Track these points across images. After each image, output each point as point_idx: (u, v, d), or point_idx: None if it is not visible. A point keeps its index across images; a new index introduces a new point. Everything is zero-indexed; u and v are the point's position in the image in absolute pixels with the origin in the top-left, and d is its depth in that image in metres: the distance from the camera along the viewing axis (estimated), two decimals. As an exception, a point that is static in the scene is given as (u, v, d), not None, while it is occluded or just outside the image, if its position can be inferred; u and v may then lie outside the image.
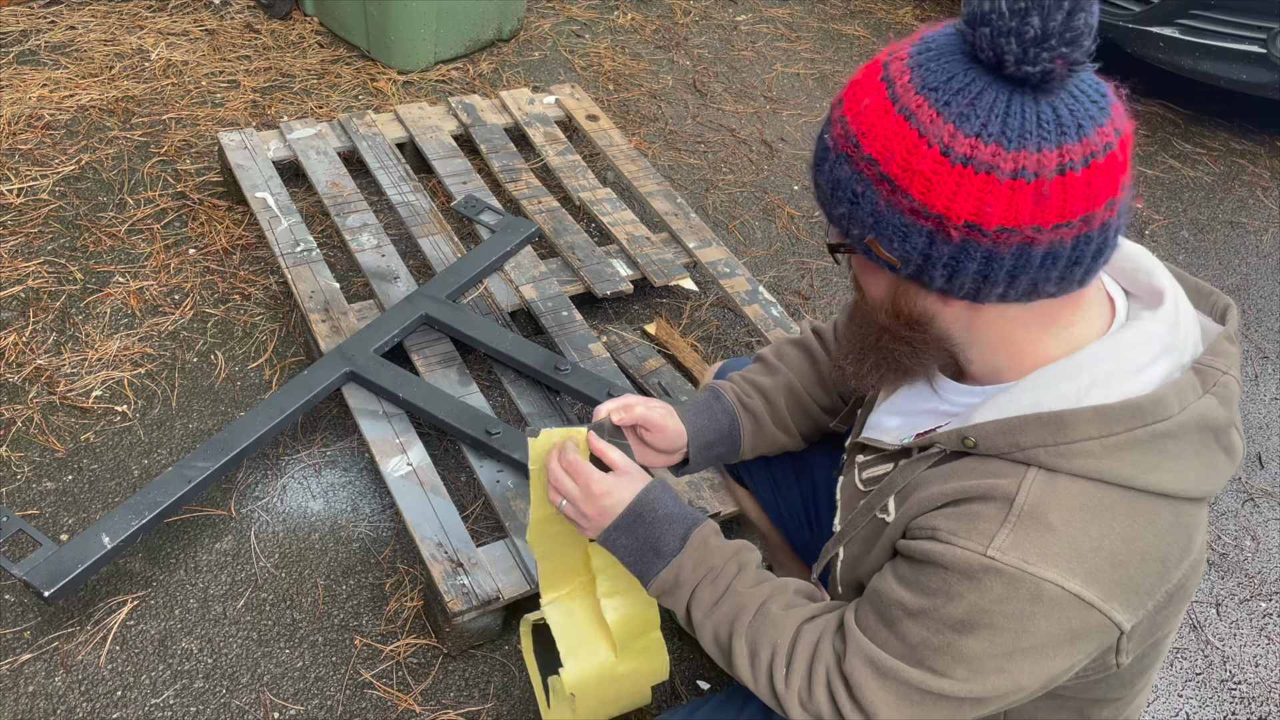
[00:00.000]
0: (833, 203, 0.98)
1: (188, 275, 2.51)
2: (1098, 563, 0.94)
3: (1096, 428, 0.96)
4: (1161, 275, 1.06)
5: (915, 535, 1.03)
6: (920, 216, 0.91)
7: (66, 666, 1.75)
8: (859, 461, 1.21)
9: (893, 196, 0.92)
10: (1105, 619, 0.96)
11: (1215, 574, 2.23)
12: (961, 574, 0.96)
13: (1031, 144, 0.87)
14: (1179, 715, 1.94)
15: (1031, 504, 0.95)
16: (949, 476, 1.03)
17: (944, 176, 0.89)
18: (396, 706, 1.75)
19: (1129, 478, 0.96)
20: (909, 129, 0.90)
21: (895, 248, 0.94)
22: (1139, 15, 3.62)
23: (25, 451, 2.07)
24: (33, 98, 2.99)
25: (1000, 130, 0.87)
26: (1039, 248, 0.90)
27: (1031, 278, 0.93)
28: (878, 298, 1.04)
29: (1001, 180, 0.87)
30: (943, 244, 0.92)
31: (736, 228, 3.00)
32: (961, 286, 0.95)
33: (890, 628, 1.02)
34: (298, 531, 2.00)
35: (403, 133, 2.83)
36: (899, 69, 0.92)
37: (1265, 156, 3.74)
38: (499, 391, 2.30)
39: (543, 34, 3.75)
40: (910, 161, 0.90)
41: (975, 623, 0.96)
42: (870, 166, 0.92)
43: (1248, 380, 2.77)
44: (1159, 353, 1.00)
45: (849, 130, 0.94)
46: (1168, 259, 3.17)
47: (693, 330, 2.59)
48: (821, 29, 4.11)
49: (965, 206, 0.89)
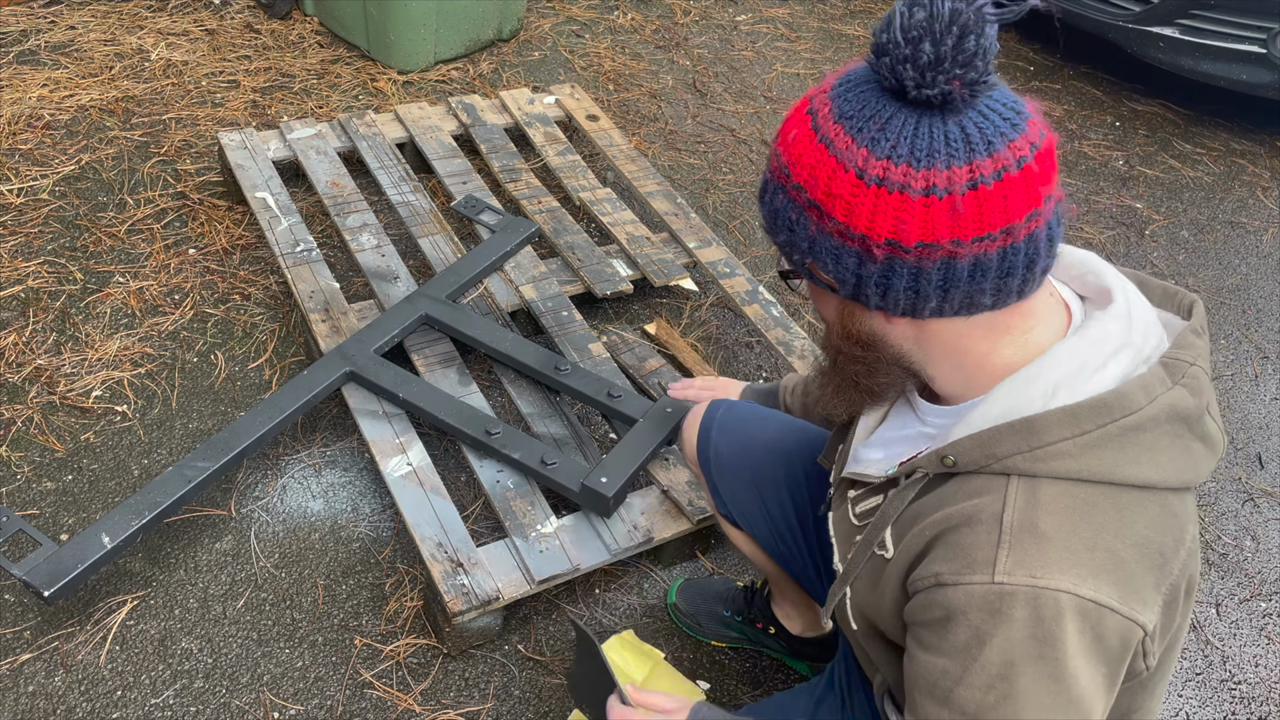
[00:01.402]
0: (775, 230, 1.03)
1: (188, 275, 2.51)
2: (1099, 563, 0.94)
3: (1068, 428, 0.96)
4: (1108, 274, 1.08)
5: (921, 587, 1.01)
6: (847, 238, 0.95)
7: (66, 666, 1.75)
8: (850, 496, 1.20)
9: (821, 221, 0.97)
10: (1127, 621, 0.95)
11: (1215, 574, 2.23)
12: (981, 610, 0.95)
13: (940, 162, 0.91)
14: (1179, 715, 1.94)
15: (1020, 517, 0.95)
16: (936, 504, 1.03)
17: (861, 199, 0.93)
18: (396, 706, 1.75)
19: (1107, 473, 0.96)
20: (828, 156, 0.95)
21: (831, 270, 0.99)
22: (1139, 15, 3.62)
23: (25, 451, 2.07)
24: (33, 98, 2.99)
25: (909, 151, 0.91)
26: (963, 261, 0.93)
27: (964, 291, 0.95)
28: (830, 320, 1.08)
29: (914, 198, 0.91)
30: (870, 263, 0.95)
31: (736, 228, 3.00)
32: (897, 303, 0.98)
33: (947, 704, 0.99)
34: (298, 531, 2.00)
35: (403, 133, 2.83)
36: (821, 101, 0.98)
37: (1265, 156, 3.74)
38: (499, 391, 2.30)
39: (543, 34, 3.75)
40: (831, 186, 0.95)
41: (1014, 660, 0.94)
42: (799, 194, 0.98)
43: (1248, 380, 2.77)
44: (1116, 349, 1.01)
45: (781, 161, 0.99)
46: (1168, 259, 3.17)
47: (693, 330, 2.59)
48: (821, 29, 4.11)
49: (884, 226, 0.93)
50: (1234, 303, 3.04)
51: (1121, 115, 3.86)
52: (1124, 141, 3.71)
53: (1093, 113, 3.83)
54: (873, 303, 0.99)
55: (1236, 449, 2.55)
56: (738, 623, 1.88)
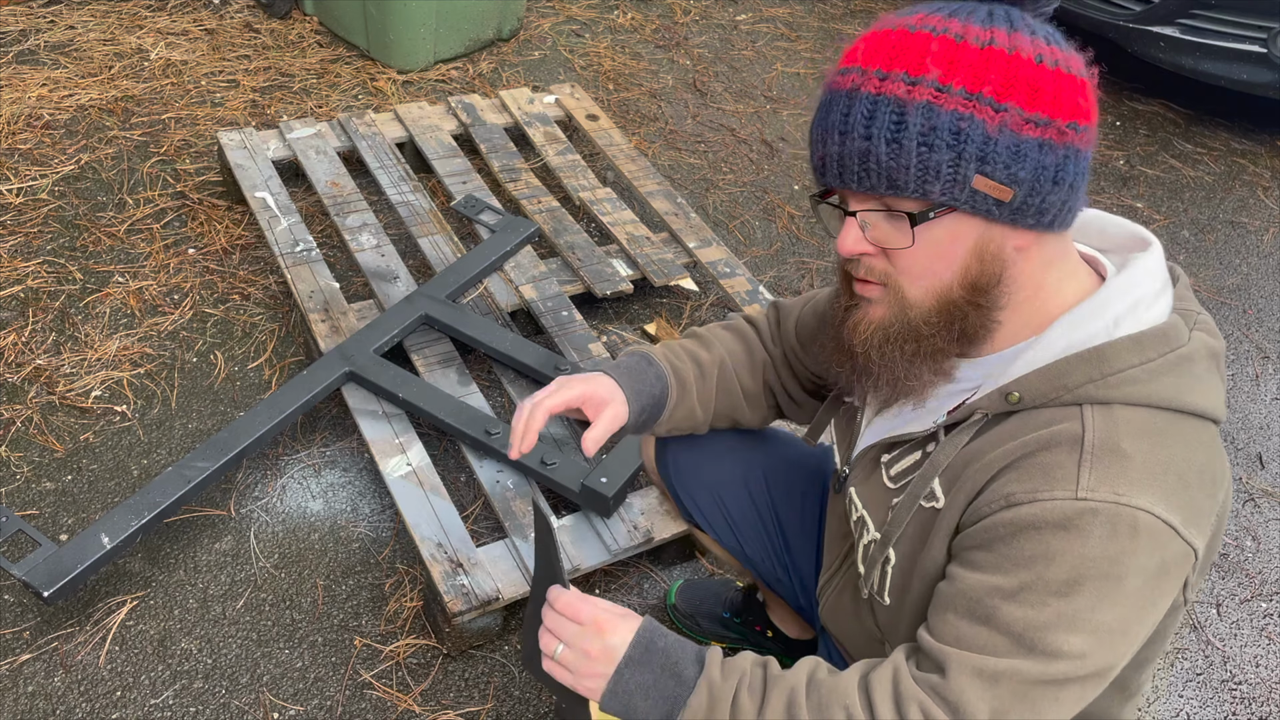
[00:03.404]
0: (926, 160, 0.94)
1: (187, 275, 2.51)
2: (1171, 485, 0.95)
3: (1136, 355, 0.98)
4: (1136, 225, 1.11)
5: (986, 512, 0.98)
6: (1030, 126, 0.93)
7: (66, 667, 1.74)
8: (884, 461, 1.16)
9: (1001, 116, 0.93)
10: (1186, 545, 0.96)
11: (1215, 574, 2.22)
12: (1057, 527, 0.93)
13: (1062, 46, 0.96)
14: (1179, 715, 1.94)
15: (1101, 437, 0.95)
16: (999, 440, 1.00)
17: (1043, 81, 0.93)
18: (396, 707, 1.75)
19: (1171, 399, 0.97)
20: (993, 50, 0.93)
21: (1009, 172, 0.94)
22: (1139, 15, 3.62)
23: (25, 451, 2.07)
24: (32, 97, 2.99)
25: (1046, 36, 0.96)
26: (1089, 149, 0.98)
27: (1081, 185, 0.98)
28: (946, 277, 1.00)
29: (1079, 78, 0.95)
30: (1051, 152, 0.94)
31: (737, 227, 3.00)
32: (1050, 209, 0.97)
33: (988, 623, 0.96)
34: (297, 532, 2.00)
35: (402, 132, 2.83)
36: (931, 21, 0.96)
37: (1266, 156, 3.74)
38: (499, 391, 2.30)
39: (543, 34, 3.75)
40: (1009, 75, 0.93)
41: (1079, 578, 0.93)
42: (965, 98, 0.93)
43: (1248, 380, 2.76)
44: (1164, 285, 1.05)
45: (928, 76, 0.93)
46: (1168, 259, 3.17)
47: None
48: (821, 28, 4.11)
49: (1066, 107, 0.94)
50: (1234, 303, 3.04)
51: (1122, 115, 3.86)
52: (1124, 141, 3.71)
53: (1093, 112, 3.83)
54: (1030, 213, 0.96)
55: (1237, 449, 2.54)
56: (736, 624, 1.87)
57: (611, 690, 1.06)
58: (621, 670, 1.06)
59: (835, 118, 0.97)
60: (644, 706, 1.06)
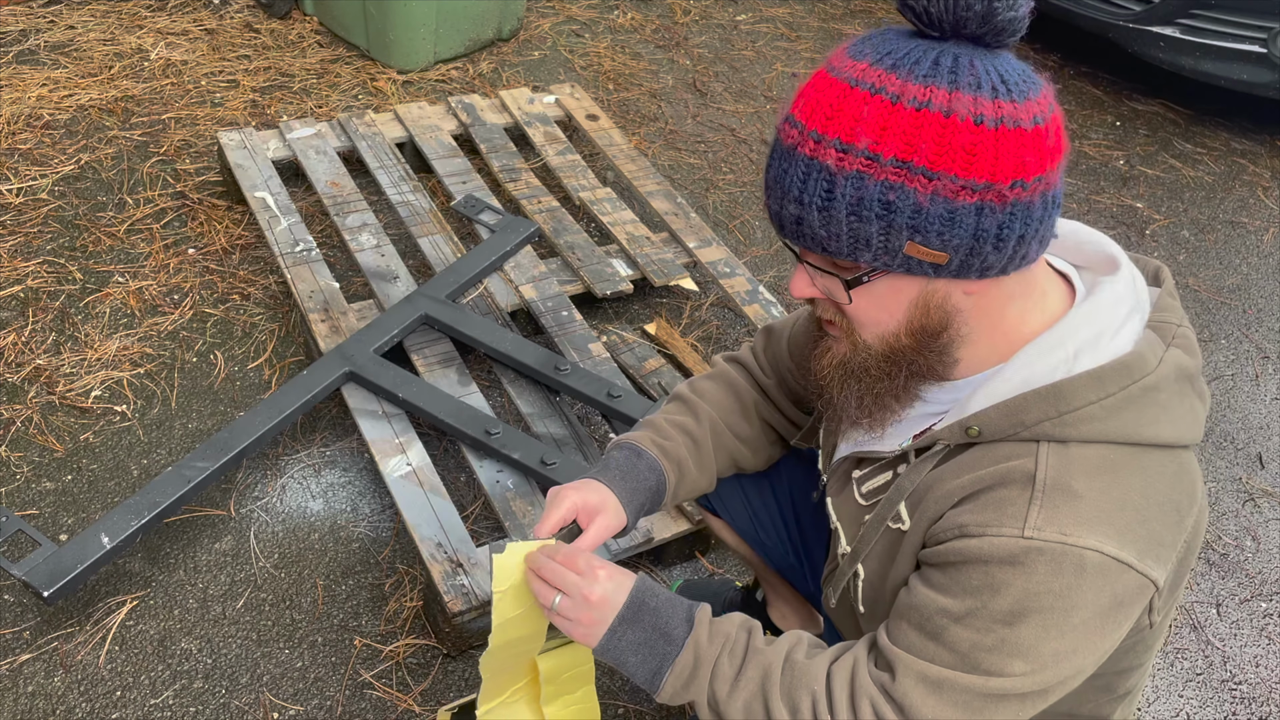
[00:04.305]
0: (856, 230, 0.93)
1: (187, 275, 2.51)
2: (1126, 522, 0.95)
3: (1094, 391, 0.98)
4: (1106, 241, 1.09)
5: (942, 538, 1.01)
6: (966, 194, 0.90)
7: (66, 667, 1.74)
8: (855, 476, 1.19)
9: (933, 185, 0.90)
10: (1143, 578, 0.97)
11: (1215, 574, 2.22)
12: (1003, 562, 0.95)
13: (1023, 91, 0.91)
14: (1179, 715, 1.94)
15: (1053, 477, 0.96)
16: (959, 470, 1.03)
17: (982, 143, 0.89)
18: (396, 707, 1.75)
19: (1132, 434, 0.97)
20: (928, 114, 0.89)
21: (942, 239, 0.92)
22: (1139, 15, 3.62)
23: (25, 451, 2.07)
24: (32, 97, 2.99)
25: (1000, 84, 0.90)
26: (1051, 192, 0.94)
27: (1036, 233, 0.95)
28: (891, 326, 1.01)
29: (1028, 129, 0.90)
30: (991, 214, 0.91)
31: (737, 227, 3.00)
32: (995, 265, 0.95)
33: (936, 639, 1.00)
34: (297, 531, 2.00)
35: (402, 132, 2.83)
36: (869, 73, 0.91)
37: (1266, 156, 3.74)
38: (499, 391, 2.30)
39: (543, 34, 3.75)
40: (943, 142, 0.89)
41: (1024, 610, 0.95)
42: (896, 168, 0.90)
43: (1248, 380, 2.76)
44: (1129, 312, 1.03)
45: (857, 147, 0.91)
46: (1168, 259, 3.17)
47: (693, 330, 2.59)
48: (821, 28, 4.11)
49: (1008, 166, 0.90)
50: (1234, 303, 3.04)
51: (1122, 115, 3.86)
52: (1124, 141, 3.71)
53: (1093, 113, 3.83)
54: (975, 268, 0.94)
55: (1237, 449, 2.54)
56: (736, 624, 1.87)
57: (605, 644, 1.13)
58: (615, 627, 1.12)
59: (775, 174, 0.98)
60: (634, 662, 1.12)
